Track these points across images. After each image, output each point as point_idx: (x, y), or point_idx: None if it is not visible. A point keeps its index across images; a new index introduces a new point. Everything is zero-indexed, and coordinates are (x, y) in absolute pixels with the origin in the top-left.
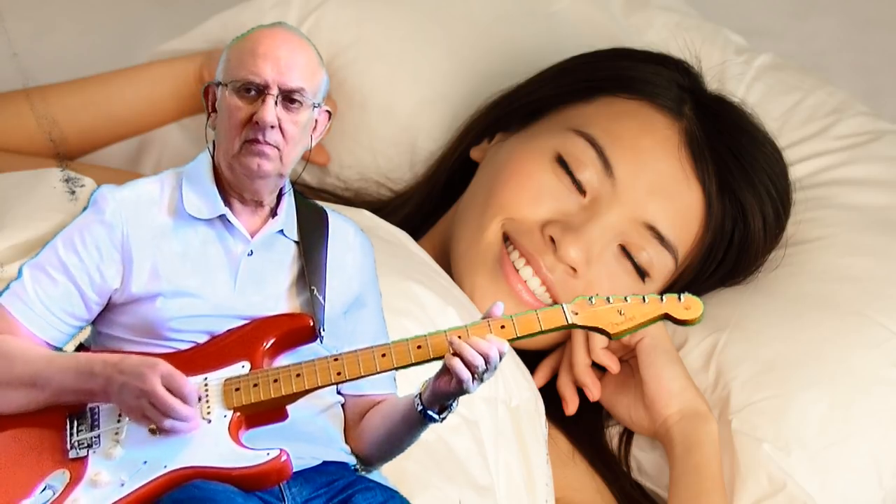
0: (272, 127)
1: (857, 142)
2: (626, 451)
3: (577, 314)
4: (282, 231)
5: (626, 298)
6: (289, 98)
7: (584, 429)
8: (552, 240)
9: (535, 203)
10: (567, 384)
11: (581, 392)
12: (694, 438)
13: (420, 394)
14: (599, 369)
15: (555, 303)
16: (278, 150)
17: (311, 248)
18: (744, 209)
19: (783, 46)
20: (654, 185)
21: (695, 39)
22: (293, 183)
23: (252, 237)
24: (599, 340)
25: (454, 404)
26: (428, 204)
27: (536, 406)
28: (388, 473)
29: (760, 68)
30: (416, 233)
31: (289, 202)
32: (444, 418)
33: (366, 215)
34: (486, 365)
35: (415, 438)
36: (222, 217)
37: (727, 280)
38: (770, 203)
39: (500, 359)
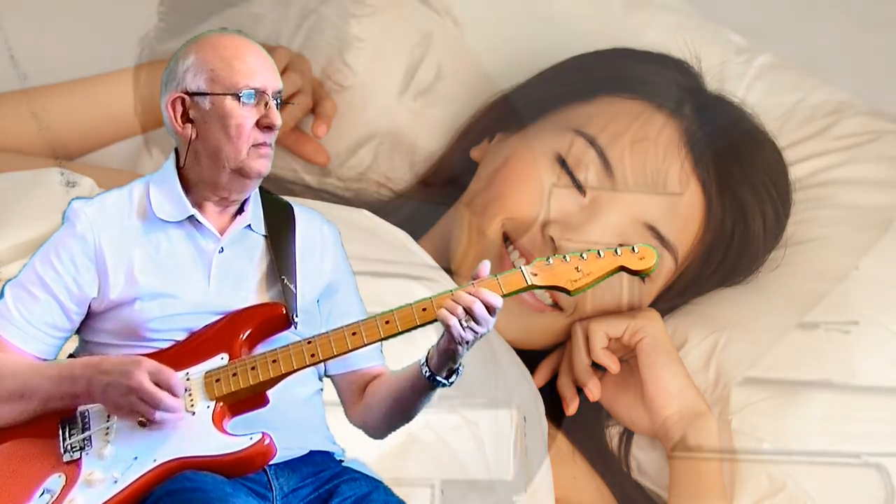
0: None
1: (857, 142)
2: (626, 451)
3: (536, 275)
4: (250, 226)
5: (582, 255)
6: (276, 98)
7: (584, 429)
8: (552, 239)
9: (535, 203)
10: (567, 384)
11: (581, 392)
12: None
13: (427, 361)
14: (599, 369)
15: (555, 303)
16: (272, 148)
17: (280, 240)
18: (744, 209)
19: (783, 46)
20: (654, 185)
21: (695, 39)
22: (293, 183)
23: (221, 235)
24: (599, 340)
25: (461, 368)
26: (428, 204)
27: (536, 406)
28: (388, 473)
29: (760, 68)
30: (416, 233)
31: (255, 198)
32: (452, 382)
33: (366, 215)
34: (466, 315)
35: (423, 405)
36: (191, 218)
37: (727, 280)
38: (770, 203)
39: (492, 313)
